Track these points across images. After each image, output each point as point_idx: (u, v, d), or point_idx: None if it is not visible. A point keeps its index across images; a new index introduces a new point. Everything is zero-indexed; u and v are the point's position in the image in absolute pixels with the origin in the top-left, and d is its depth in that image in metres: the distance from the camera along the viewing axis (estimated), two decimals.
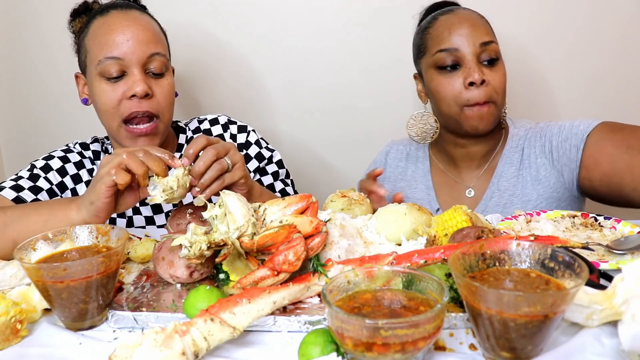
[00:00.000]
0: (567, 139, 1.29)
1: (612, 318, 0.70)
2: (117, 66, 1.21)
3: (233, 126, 1.49)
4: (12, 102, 2.06)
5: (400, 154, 1.60)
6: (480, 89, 1.30)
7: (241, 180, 1.04)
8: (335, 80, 1.89)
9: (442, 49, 1.33)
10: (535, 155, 1.37)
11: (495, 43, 1.34)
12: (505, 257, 0.74)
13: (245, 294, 0.73)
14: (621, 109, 1.83)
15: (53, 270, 0.75)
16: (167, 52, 1.31)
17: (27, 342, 0.78)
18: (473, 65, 1.30)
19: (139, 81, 1.21)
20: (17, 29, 1.96)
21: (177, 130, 1.49)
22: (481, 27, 1.34)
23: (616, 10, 1.75)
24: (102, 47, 1.22)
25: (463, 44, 1.31)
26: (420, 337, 0.62)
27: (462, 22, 1.34)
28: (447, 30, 1.34)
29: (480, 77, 1.29)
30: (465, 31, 1.32)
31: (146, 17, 1.30)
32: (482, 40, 1.31)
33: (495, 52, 1.33)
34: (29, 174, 1.29)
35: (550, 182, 1.33)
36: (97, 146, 1.43)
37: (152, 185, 0.94)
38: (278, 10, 1.85)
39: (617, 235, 1.04)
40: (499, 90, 1.33)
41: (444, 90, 1.34)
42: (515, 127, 1.45)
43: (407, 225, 1.01)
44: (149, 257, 1.02)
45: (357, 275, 0.73)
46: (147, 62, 1.24)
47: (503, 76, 1.34)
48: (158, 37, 1.28)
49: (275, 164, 1.48)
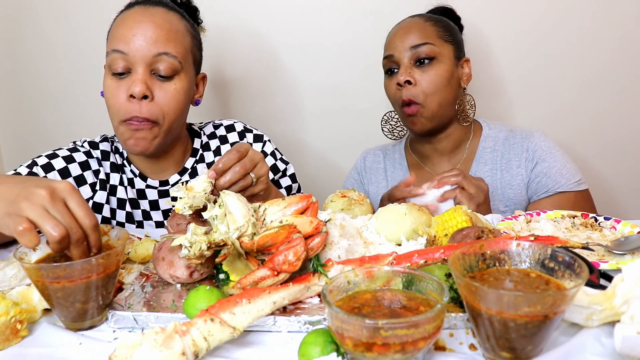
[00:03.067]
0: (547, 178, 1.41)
1: (612, 319, 0.70)
2: (122, 61, 1.17)
3: (249, 134, 1.46)
4: (13, 102, 2.06)
5: (377, 156, 1.68)
6: (409, 89, 1.40)
7: (260, 192, 1.06)
8: (335, 81, 1.90)
9: (384, 55, 1.48)
10: (517, 163, 1.46)
11: (429, 44, 1.41)
12: (505, 257, 0.74)
13: (245, 294, 0.73)
14: (609, 114, 1.84)
15: (53, 270, 0.75)
16: (183, 54, 1.23)
17: (27, 342, 0.78)
18: (403, 67, 1.42)
19: (138, 80, 1.16)
20: (18, 29, 1.96)
21: (192, 134, 1.44)
22: (416, 31, 1.43)
23: (611, 12, 1.75)
24: (112, 40, 1.21)
25: (396, 49, 1.44)
26: (420, 337, 0.62)
27: (399, 30, 1.47)
28: (389, 39, 1.49)
29: (403, 78, 1.40)
30: (399, 37, 1.45)
31: (170, 14, 1.24)
32: (413, 43, 1.41)
33: (428, 53, 1.41)
34: (28, 171, 1.25)
35: (520, 191, 1.45)
36: (106, 145, 1.37)
37: (179, 193, 0.90)
38: (278, 11, 1.85)
39: (617, 235, 1.04)
40: (428, 91, 1.40)
41: (387, 92, 1.50)
42: (490, 129, 1.53)
43: (407, 226, 1.01)
44: (149, 257, 1.02)
45: (357, 275, 0.73)
46: (153, 61, 1.18)
47: (434, 76, 1.41)
48: (172, 36, 1.21)
49: (289, 178, 1.48)
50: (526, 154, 1.44)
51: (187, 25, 1.28)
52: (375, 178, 1.65)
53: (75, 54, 1.96)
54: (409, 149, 1.64)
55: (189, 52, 1.27)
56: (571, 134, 1.84)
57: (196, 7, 1.41)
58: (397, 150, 1.66)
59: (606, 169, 1.87)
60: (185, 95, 1.25)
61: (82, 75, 1.96)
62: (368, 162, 1.68)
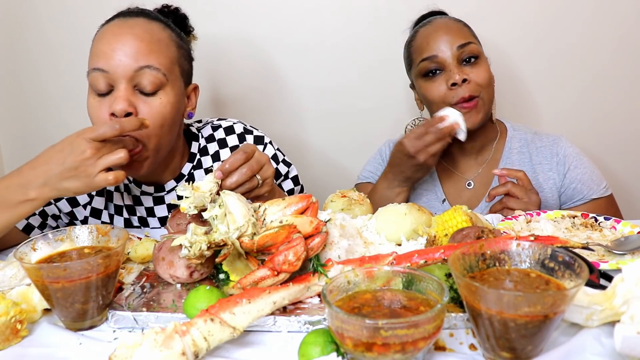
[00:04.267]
0: (582, 185, 1.43)
1: (612, 319, 0.70)
2: (103, 79, 1.10)
3: (249, 136, 1.40)
4: (13, 102, 2.06)
5: None
6: (463, 87, 1.38)
7: (265, 194, 1.06)
8: (336, 81, 1.90)
9: (423, 58, 1.43)
10: (548, 167, 1.47)
11: (473, 43, 1.41)
12: (505, 257, 0.74)
13: (245, 294, 0.73)
14: (612, 115, 1.85)
15: (53, 270, 0.75)
16: (167, 66, 1.15)
17: (27, 342, 0.78)
18: (453, 67, 1.39)
19: (120, 98, 1.08)
20: (18, 29, 1.96)
21: (189, 137, 1.37)
22: (457, 31, 1.42)
23: (613, 15, 1.76)
24: (92, 57, 1.14)
25: (440, 50, 1.40)
26: (420, 337, 0.62)
27: (437, 30, 1.43)
28: (425, 41, 1.44)
29: (460, 77, 1.37)
30: (441, 38, 1.41)
31: (151, 24, 1.17)
32: (458, 43, 1.40)
33: (473, 51, 1.41)
34: None
35: (552, 195, 1.44)
36: None
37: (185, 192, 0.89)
38: (278, 11, 1.85)
39: (617, 235, 1.04)
40: (483, 84, 1.40)
41: (431, 94, 1.43)
42: (515, 130, 1.53)
43: (407, 226, 1.01)
44: (149, 257, 1.02)
45: (357, 275, 0.73)
46: (135, 76, 1.10)
47: (485, 72, 1.41)
48: (155, 47, 1.13)
49: (292, 180, 1.44)
50: (557, 159, 1.45)
51: (171, 34, 1.20)
52: None
53: (76, 54, 1.94)
54: None
55: (175, 64, 1.18)
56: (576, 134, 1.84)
57: (185, 14, 1.35)
58: None
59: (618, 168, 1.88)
60: (173, 109, 1.16)
61: (83, 75, 1.91)
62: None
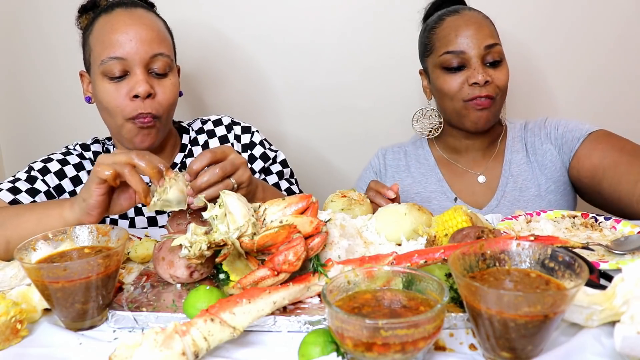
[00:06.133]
0: (572, 130, 1.40)
1: (612, 319, 0.70)
2: (119, 66, 1.21)
3: (237, 127, 1.48)
4: (13, 102, 2.06)
5: (397, 154, 1.62)
6: (483, 87, 1.36)
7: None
8: (336, 81, 1.90)
9: (448, 50, 1.37)
10: (540, 142, 1.45)
11: (499, 45, 1.39)
12: (505, 257, 0.74)
13: (245, 294, 0.73)
14: (619, 108, 1.84)
15: (53, 270, 0.75)
16: (171, 52, 1.30)
17: (27, 342, 0.78)
18: (477, 67, 1.35)
19: (142, 81, 1.21)
20: (18, 29, 1.96)
21: (180, 130, 1.48)
22: (486, 29, 1.38)
23: (615, 9, 1.76)
24: (105, 47, 1.22)
25: (469, 47, 1.36)
26: (420, 337, 0.62)
27: (468, 25, 1.38)
28: (453, 32, 1.38)
29: (483, 78, 1.34)
30: (471, 33, 1.36)
31: (151, 15, 1.29)
32: (487, 42, 1.36)
33: (499, 53, 1.38)
34: (27, 176, 1.28)
35: (556, 167, 1.42)
36: (97, 147, 1.42)
37: (151, 194, 0.93)
38: (279, 10, 1.85)
39: (617, 235, 1.04)
40: (502, 88, 1.39)
41: (448, 88, 1.39)
42: (510, 123, 1.55)
43: (407, 226, 1.01)
44: (149, 257, 1.02)
45: (357, 275, 0.73)
46: (150, 62, 1.23)
47: (506, 75, 1.39)
48: (162, 36, 1.27)
49: (280, 164, 1.48)
50: (544, 131, 1.46)
51: (164, 23, 1.33)
52: (398, 175, 1.60)
53: (75, 54, 1.94)
54: (434, 144, 1.59)
55: (172, 49, 1.33)
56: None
57: (152, 2, 1.41)
58: (420, 146, 1.61)
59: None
60: (178, 88, 1.32)
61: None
62: (389, 159, 1.62)
